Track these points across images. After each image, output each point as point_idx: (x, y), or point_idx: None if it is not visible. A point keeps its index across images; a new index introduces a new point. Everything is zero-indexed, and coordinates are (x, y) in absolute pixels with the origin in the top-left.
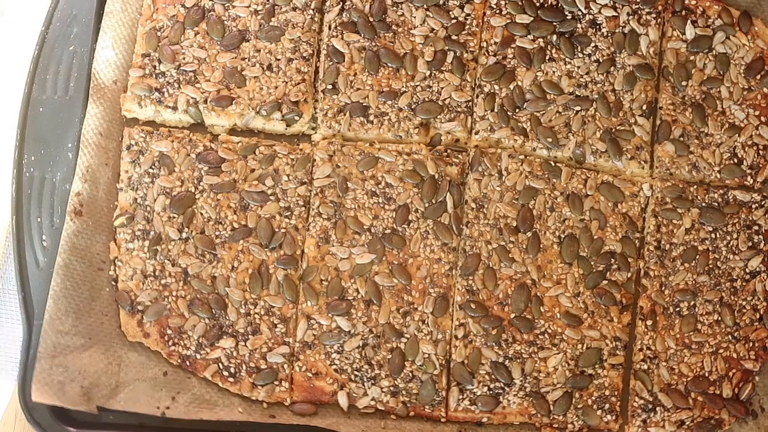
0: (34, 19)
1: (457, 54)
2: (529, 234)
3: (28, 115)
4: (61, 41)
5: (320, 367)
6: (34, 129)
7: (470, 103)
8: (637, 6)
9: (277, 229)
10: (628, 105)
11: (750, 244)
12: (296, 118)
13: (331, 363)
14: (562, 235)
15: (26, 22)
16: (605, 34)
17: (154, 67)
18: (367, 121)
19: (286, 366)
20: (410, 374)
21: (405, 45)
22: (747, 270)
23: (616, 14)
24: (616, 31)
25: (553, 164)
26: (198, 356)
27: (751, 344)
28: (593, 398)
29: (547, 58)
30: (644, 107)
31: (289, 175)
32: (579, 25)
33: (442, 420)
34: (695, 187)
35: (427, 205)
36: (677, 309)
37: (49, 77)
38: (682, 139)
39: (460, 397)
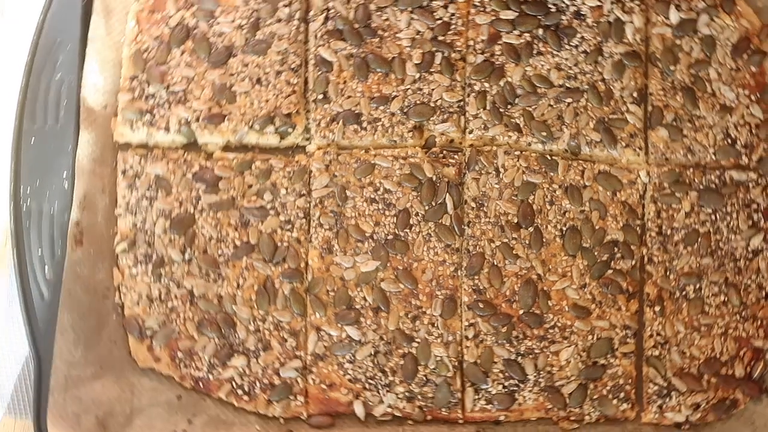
0: (34, 19)
1: (445, 54)
2: (531, 229)
3: (21, 146)
4: (48, 70)
5: (334, 378)
6: (27, 161)
7: (462, 103)
8: None
9: (279, 243)
10: (619, 93)
11: (750, 222)
12: (289, 130)
13: (344, 373)
14: (564, 228)
15: (26, 22)
16: (590, 24)
17: (143, 89)
18: (361, 128)
19: (299, 380)
20: (424, 378)
21: (392, 49)
22: (749, 249)
23: (600, 4)
24: (601, 20)
25: (549, 158)
26: (211, 377)
27: (759, 322)
28: (608, 388)
29: (535, 52)
30: (635, 94)
31: (287, 188)
32: (564, 17)
33: (460, 422)
34: (691, 170)
35: (427, 207)
36: (683, 293)
37: (38, 107)
38: (674, 123)
39: (476, 397)
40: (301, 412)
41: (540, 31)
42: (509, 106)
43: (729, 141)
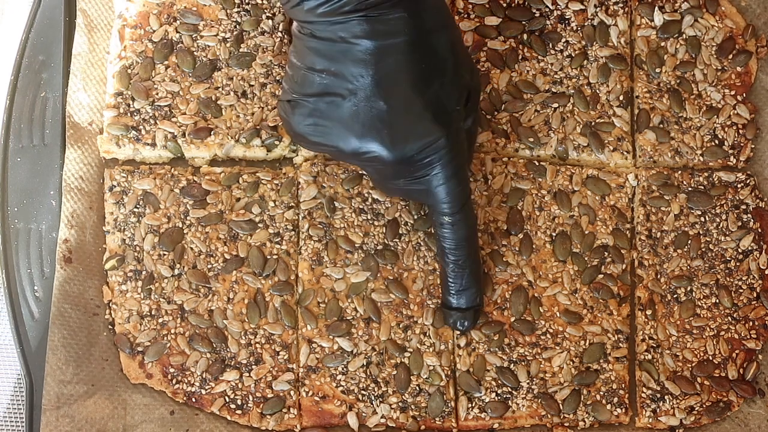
0: (17, 39)
1: None
2: (521, 236)
3: (8, 166)
4: (32, 89)
5: (327, 390)
6: (14, 180)
7: None
8: None
9: (269, 256)
10: (605, 97)
11: (740, 223)
12: (276, 142)
13: (337, 385)
14: (554, 234)
15: (8, 42)
16: (575, 28)
17: (128, 105)
18: None
19: (292, 392)
20: (417, 388)
21: None
22: (739, 250)
23: (584, 7)
24: (585, 24)
25: (537, 163)
26: (203, 392)
27: (751, 323)
28: (601, 393)
29: (520, 57)
30: (621, 97)
31: (275, 200)
32: (548, 22)
33: (454, 431)
34: (680, 172)
35: (416, 216)
36: (675, 296)
37: (23, 126)
38: (661, 125)
39: (470, 405)
40: (294, 425)
41: (525, 37)
42: (496, 113)
43: (716, 142)
